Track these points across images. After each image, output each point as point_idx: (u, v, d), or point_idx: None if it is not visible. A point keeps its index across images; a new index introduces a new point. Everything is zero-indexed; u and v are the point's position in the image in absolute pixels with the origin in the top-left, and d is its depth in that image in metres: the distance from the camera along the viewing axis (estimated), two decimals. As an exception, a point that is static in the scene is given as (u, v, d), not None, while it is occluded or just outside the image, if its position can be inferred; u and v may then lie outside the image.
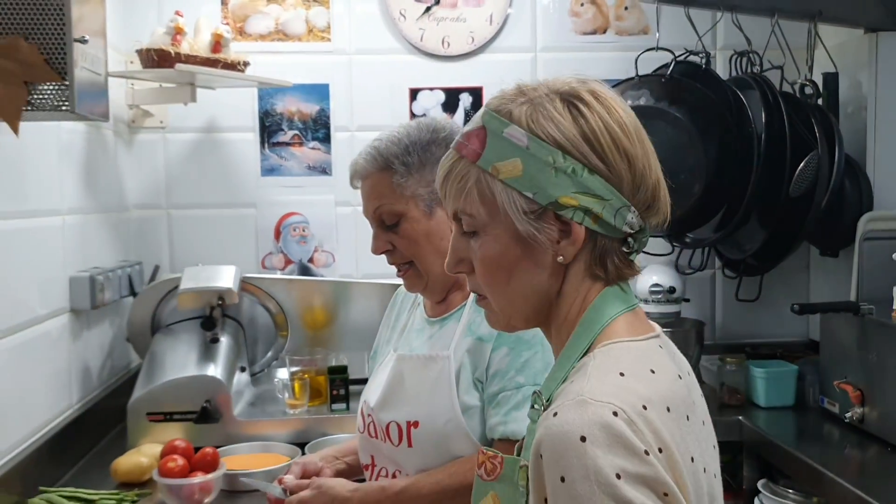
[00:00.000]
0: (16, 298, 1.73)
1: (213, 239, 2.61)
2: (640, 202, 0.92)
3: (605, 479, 0.78)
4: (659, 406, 0.85)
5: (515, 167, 0.90)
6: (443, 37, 2.64)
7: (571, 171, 0.89)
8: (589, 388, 0.83)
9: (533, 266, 0.92)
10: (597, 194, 0.89)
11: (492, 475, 0.94)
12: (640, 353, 0.90)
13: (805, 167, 2.22)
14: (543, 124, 0.89)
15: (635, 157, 0.91)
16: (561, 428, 0.80)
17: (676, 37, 2.39)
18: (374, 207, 1.48)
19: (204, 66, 2.18)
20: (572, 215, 0.89)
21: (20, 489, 1.70)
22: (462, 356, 1.41)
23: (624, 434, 0.80)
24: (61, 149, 2.04)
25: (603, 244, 0.92)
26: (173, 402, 2.02)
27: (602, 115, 0.90)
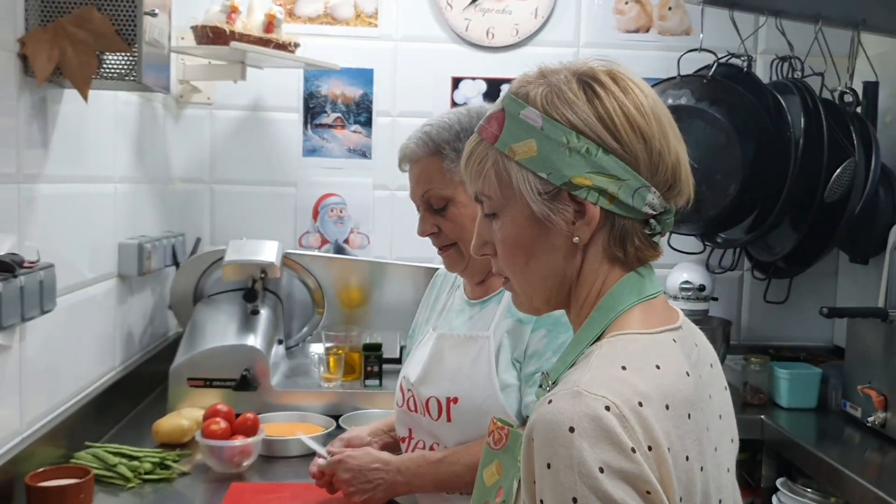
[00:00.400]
0: (68, 261, 1.80)
1: (253, 215, 2.67)
2: (660, 182, 0.91)
3: (588, 472, 0.79)
4: (657, 403, 0.85)
5: (530, 148, 0.90)
6: (487, 28, 2.68)
7: (585, 150, 0.89)
8: (587, 379, 0.84)
9: (550, 247, 0.93)
10: (612, 174, 0.89)
11: (498, 445, 0.97)
12: (648, 346, 0.90)
13: (841, 173, 2.24)
14: (558, 105, 0.90)
15: (651, 136, 0.90)
16: (553, 416, 0.81)
17: (719, 39, 2.42)
18: (422, 191, 1.52)
19: (256, 45, 2.24)
20: (586, 195, 0.89)
21: (67, 444, 1.77)
22: (501, 336, 1.46)
23: (613, 429, 0.80)
24: (117, 119, 2.10)
25: (622, 225, 0.91)
26: (213, 368, 2.09)
27: (617, 96, 0.90)
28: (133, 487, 1.69)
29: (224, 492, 1.66)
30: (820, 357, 2.60)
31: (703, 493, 0.89)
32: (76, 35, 1.55)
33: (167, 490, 1.70)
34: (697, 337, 1.00)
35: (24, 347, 1.59)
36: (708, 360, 0.98)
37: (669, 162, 0.91)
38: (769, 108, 2.35)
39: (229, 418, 1.82)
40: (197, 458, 1.85)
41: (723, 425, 0.97)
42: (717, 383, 0.99)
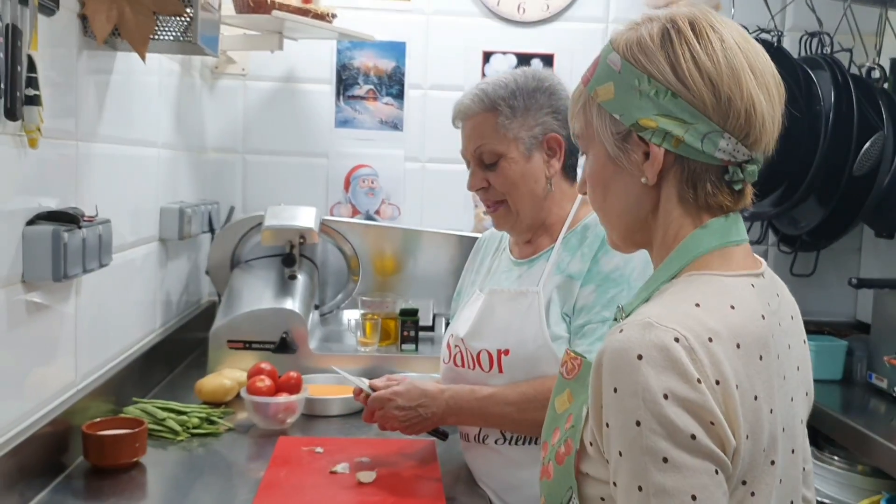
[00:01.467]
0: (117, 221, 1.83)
1: (285, 185, 2.71)
2: (733, 128, 0.91)
3: (652, 397, 0.82)
4: (728, 341, 0.87)
5: (609, 91, 0.95)
6: (519, 3, 2.71)
7: (654, 94, 0.92)
8: (658, 312, 0.87)
9: (623, 185, 0.97)
10: (678, 118, 0.91)
11: (571, 374, 1.01)
12: (725, 287, 0.92)
13: (870, 147, 2.28)
14: (635, 51, 0.94)
15: (720, 80, 0.90)
16: (622, 344, 0.85)
17: (749, 15, 2.45)
18: (475, 146, 1.56)
19: (296, 14, 2.26)
20: (650, 137, 0.93)
21: (116, 400, 1.81)
22: (551, 291, 1.50)
23: (680, 360, 0.83)
24: (161, 87, 2.14)
25: (693, 168, 0.93)
26: (253, 331, 2.13)
27: (691, 43, 0.92)
28: (182, 441, 1.73)
29: (270, 447, 1.70)
30: (843, 331, 2.64)
31: (771, 435, 0.90)
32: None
33: (214, 444, 1.74)
34: (780, 288, 1.02)
35: (79, 303, 1.63)
36: (789, 312, 1.01)
37: (742, 108, 0.91)
38: (799, 82, 2.37)
39: (273, 377, 1.87)
40: (240, 416, 1.89)
41: (800, 377, 1.00)
42: (798, 335, 1.02)
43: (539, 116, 1.53)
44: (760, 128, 0.93)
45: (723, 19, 0.96)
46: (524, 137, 1.53)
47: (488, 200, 1.59)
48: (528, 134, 1.53)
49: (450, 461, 1.65)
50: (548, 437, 1.01)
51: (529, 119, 1.52)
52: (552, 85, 1.55)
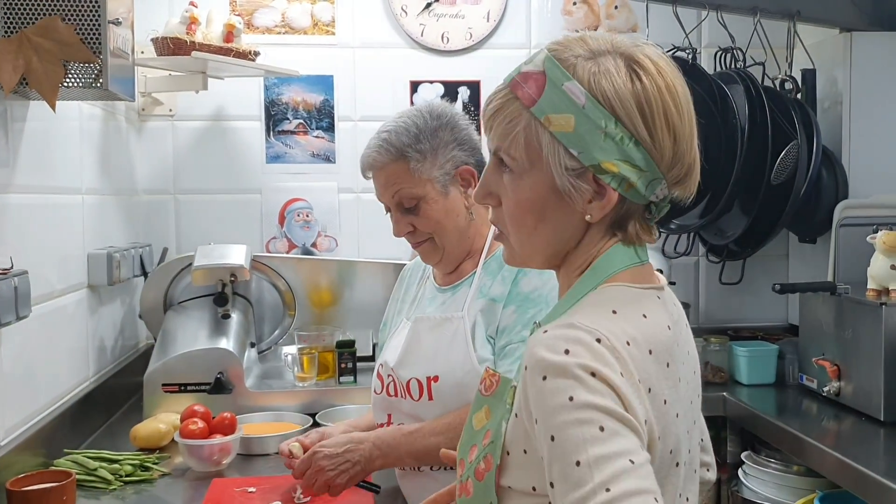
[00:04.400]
0: (39, 271, 1.81)
1: (219, 223, 2.70)
2: (672, 176, 0.95)
3: (582, 375, 0.83)
4: (643, 346, 0.89)
5: (568, 123, 0.91)
6: (442, 32, 2.75)
7: (620, 139, 0.91)
8: (579, 316, 0.89)
9: (561, 217, 0.96)
10: (636, 165, 0.91)
11: (489, 391, 1.01)
12: (636, 297, 0.95)
13: (785, 156, 2.35)
14: (603, 87, 0.90)
15: (681, 134, 0.93)
16: (548, 341, 0.86)
17: (664, 34, 2.52)
18: (392, 193, 1.58)
19: (217, 55, 2.28)
20: (610, 181, 0.92)
21: (45, 452, 1.78)
22: (475, 315, 1.52)
23: (605, 354, 0.86)
24: (82, 132, 2.12)
25: (627, 208, 0.95)
26: (187, 373, 2.11)
27: (660, 87, 0.92)
28: (114, 490, 1.70)
29: (205, 489, 1.68)
30: (776, 335, 2.71)
31: (676, 438, 0.95)
32: (41, 45, 1.58)
33: (148, 491, 1.72)
34: (676, 300, 1.06)
35: (0, 356, 1.60)
36: (684, 321, 1.05)
37: (687, 161, 0.95)
38: (715, 97, 2.45)
39: (206, 418, 1.85)
40: (176, 460, 1.87)
41: (695, 381, 1.03)
42: (692, 342, 1.05)
43: (447, 153, 1.56)
44: (694, 176, 0.98)
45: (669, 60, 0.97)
46: (438, 176, 1.55)
47: (415, 241, 1.61)
48: (440, 172, 1.55)
49: (384, 490, 1.65)
50: (464, 455, 1.01)
51: (439, 158, 1.55)
52: (451, 118, 1.59)
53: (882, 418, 2.01)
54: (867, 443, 1.96)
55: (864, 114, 2.52)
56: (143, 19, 2.45)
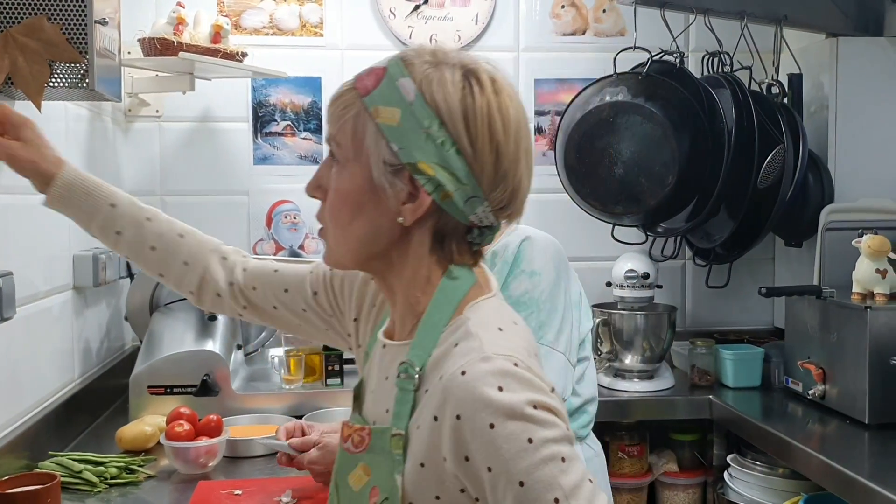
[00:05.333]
0: (24, 272, 1.79)
1: (206, 225, 2.58)
2: (495, 199, 0.94)
3: (529, 413, 0.84)
4: (532, 351, 0.94)
5: (394, 116, 0.91)
6: (430, 35, 2.75)
7: (441, 142, 0.90)
8: (484, 344, 0.88)
9: (376, 215, 0.94)
10: (455, 174, 0.91)
11: (360, 447, 0.96)
12: (499, 307, 0.97)
13: (772, 160, 2.36)
14: (434, 89, 0.91)
15: (504, 153, 0.92)
16: (475, 384, 0.85)
17: (652, 38, 2.53)
18: None
19: (204, 55, 2.27)
20: (425, 183, 0.91)
21: (30, 455, 1.76)
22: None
23: (527, 377, 0.87)
24: (68, 133, 2.11)
25: (445, 223, 0.94)
26: (173, 375, 2.10)
27: (490, 102, 0.92)
28: (99, 493, 1.69)
29: (191, 492, 1.68)
30: (762, 338, 2.72)
31: None
32: (27, 45, 1.57)
33: (134, 493, 1.71)
34: None
35: (-16, 357, 1.59)
36: None
37: (511, 185, 0.94)
38: (702, 101, 2.46)
39: (192, 421, 1.84)
40: (162, 463, 1.86)
41: None
42: None
43: None
44: (518, 204, 0.97)
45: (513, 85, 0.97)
46: None
47: None
48: None
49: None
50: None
51: None
52: None
53: (867, 421, 2.02)
54: (852, 446, 1.98)
55: (850, 118, 2.54)
56: (130, 19, 2.44)
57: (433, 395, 0.89)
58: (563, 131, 2.54)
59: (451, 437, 0.86)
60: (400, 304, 1.00)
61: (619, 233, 2.65)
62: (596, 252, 2.74)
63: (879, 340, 2.01)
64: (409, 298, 0.98)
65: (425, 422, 0.89)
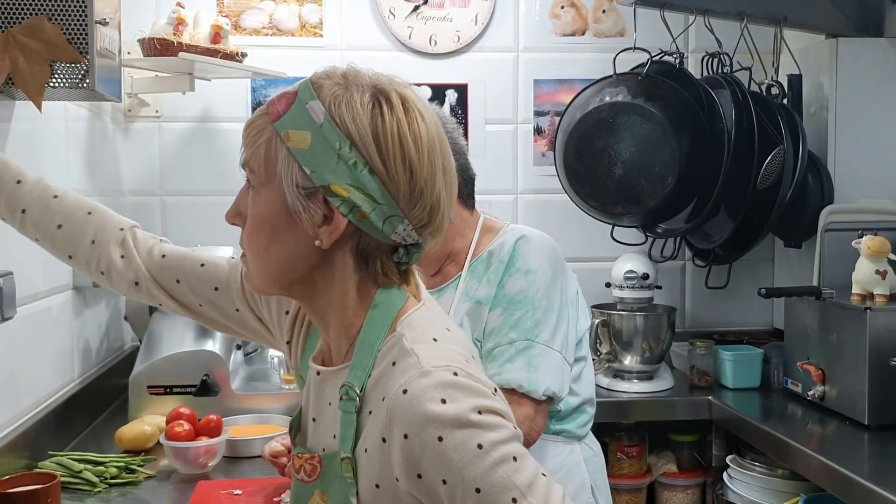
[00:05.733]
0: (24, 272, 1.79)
1: (205, 226, 2.68)
2: (415, 217, 0.94)
3: (476, 419, 0.85)
4: (468, 356, 0.94)
5: (304, 140, 0.91)
6: (430, 35, 2.76)
7: (353, 163, 0.90)
8: (421, 360, 0.89)
9: (293, 239, 0.94)
10: (370, 194, 0.91)
11: (313, 475, 0.96)
12: (431, 316, 0.97)
13: (771, 161, 2.37)
14: (343, 111, 0.91)
15: (419, 171, 0.92)
16: (418, 400, 0.86)
17: (652, 38, 2.53)
18: None
19: (204, 56, 2.27)
20: (339, 205, 0.91)
21: (29, 454, 1.76)
22: (462, 318, 1.52)
23: (468, 384, 0.88)
24: (68, 132, 2.11)
25: (367, 243, 0.94)
26: (173, 375, 2.10)
27: (401, 121, 0.92)
28: (99, 492, 1.70)
29: (191, 492, 1.68)
30: (761, 339, 2.72)
31: None
32: (27, 45, 1.57)
33: (133, 493, 1.71)
34: None
35: (-17, 357, 1.59)
36: None
37: (429, 202, 0.94)
38: (702, 101, 2.46)
39: (192, 421, 1.84)
40: (162, 462, 1.86)
41: None
42: None
43: None
44: (439, 221, 0.97)
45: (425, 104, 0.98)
46: None
47: None
48: None
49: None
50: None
51: None
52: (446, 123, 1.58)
53: (866, 422, 2.02)
54: (851, 446, 1.98)
55: (850, 119, 2.54)
56: (130, 20, 2.44)
57: (378, 416, 0.90)
58: (562, 132, 2.54)
59: (402, 457, 0.87)
60: (333, 328, 0.99)
61: (618, 233, 2.65)
62: (595, 253, 2.74)
63: (879, 341, 2.02)
64: (342, 321, 0.98)
65: (373, 444, 0.90)
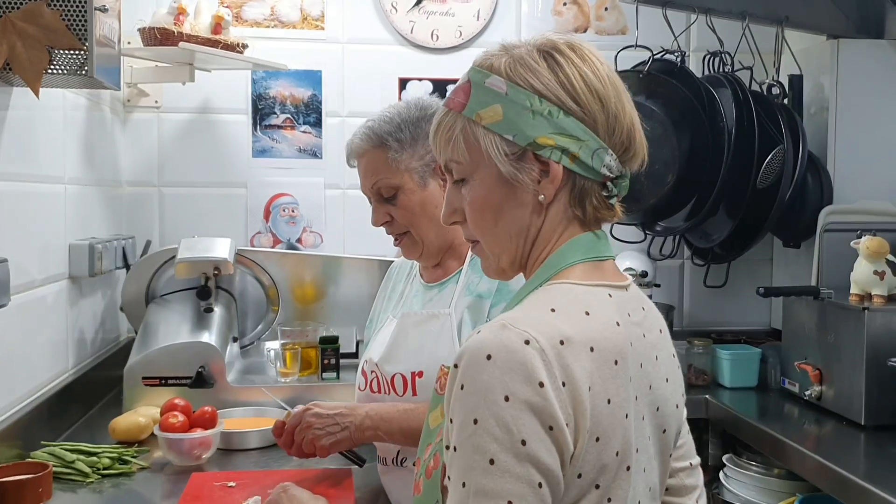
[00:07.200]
0: (19, 260, 1.79)
1: (203, 217, 2.68)
2: (616, 144, 0.98)
3: (493, 398, 0.85)
4: (580, 345, 0.89)
5: (496, 112, 0.96)
6: (432, 30, 2.75)
7: (548, 113, 0.95)
8: (513, 315, 0.91)
9: (517, 205, 0.99)
10: (573, 135, 0.95)
11: (444, 389, 0.98)
12: (581, 296, 0.95)
13: (771, 160, 2.36)
14: (521, 72, 0.96)
15: (608, 98, 0.97)
16: (476, 344, 0.88)
17: (653, 37, 2.52)
18: (371, 183, 1.58)
19: (205, 46, 2.26)
20: (550, 154, 0.96)
21: (22, 444, 1.75)
22: (462, 312, 1.52)
23: (528, 362, 0.85)
24: (66, 121, 2.10)
25: (582, 184, 0.98)
26: (168, 367, 2.09)
27: (576, 63, 0.97)
28: (92, 483, 1.68)
29: (184, 484, 1.66)
30: (759, 338, 2.72)
31: (625, 440, 0.93)
32: (25, 30, 1.56)
33: (127, 484, 1.70)
34: (646, 303, 1.06)
35: (-23, 344, 1.58)
36: (657, 326, 1.05)
37: (625, 124, 0.98)
38: (703, 100, 2.45)
39: (187, 412, 1.83)
40: (156, 454, 1.85)
41: (668, 388, 1.02)
42: (666, 349, 1.04)
43: (427, 145, 1.55)
44: (639, 143, 1.01)
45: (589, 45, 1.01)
46: (417, 167, 1.55)
47: (393, 233, 1.61)
48: (419, 163, 1.55)
49: (366, 487, 1.64)
50: (421, 454, 1.02)
51: (418, 149, 1.55)
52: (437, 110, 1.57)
53: (863, 422, 2.02)
54: (848, 446, 1.97)
55: (850, 120, 2.54)
56: (131, 9, 2.43)
57: None
58: (563, 128, 2.53)
59: (449, 383, 0.90)
60: None
61: (617, 231, 2.64)
62: (594, 250, 2.73)
63: (877, 342, 2.01)
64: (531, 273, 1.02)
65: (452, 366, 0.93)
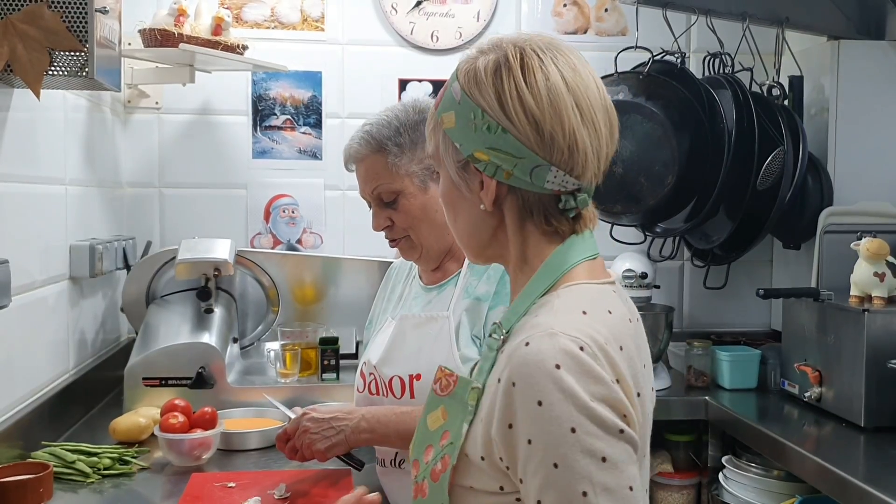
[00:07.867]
0: (20, 261, 1.79)
1: (204, 218, 2.68)
2: (559, 162, 0.97)
3: (582, 402, 0.86)
4: (614, 344, 0.93)
5: (451, 119, 1.00)
6: (432, 31, 2.75)
7: (486, 128, 0.97)
8: (557, 322, 0.92)
9: (467, 209, 1.03)
10: (507, 152, 0.96)
11: (445, 391, 1.02)
12: (598, 295, 0.99)
13: (771, 162, 2.36)
14: (472, 84, 0.98)
15: (542, 120, 0.95)
16: (536, 356, 0.88)
17: (654, 38, 2.52)
18: (372, 188, 1.57)
19: (205, 47, 2.26)
20: (483, 168, 0.98)
21: (22, 444, 1.76)
22: (461, 315, 1.52)
23: (590, 363, 0.89)
24: (67, 122, 2.10)
25: (527, 198, 0.99)
26: (169, 367, 2.09)
27: (517, 79, 0.96)
28: (92, 483, 1.69)
29: (184, 484, 1.67)
30: (759, 340, 2.72)
31: (644, 432, 0.99)
32: (26, 32, 1.56)
33: (127, 485, 1.70)
34: (626, 294, 1.09)
35: (-22, 345, 1.59)
36: (636, 315, 1.08)
37: (565, 145, 0.97)
38: (703, 101, 2.45)
39: (187, 412, 1.83)
40: (156, 454, 1.85)
41: (647, 374, 1.06)
42: (644, 335, 1.08)
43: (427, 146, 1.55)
44: (584, 162, 0.99)
45: (557, 51, 1.00)
46: (417, 171, 1.55)
47: (393, 237, 1.61)
48: (419, 167, 1.55)
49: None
50: (419, 456, 1.02)
51: (418, 152, 1.55)
52: None
53: (863, 424, 2.02)
54: (847, 448, 1.97)
55: (850, 121, 2.54)
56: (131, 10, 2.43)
57: (501, 359, 0.94)
58: (563, 130, 2.53)
59: (503, 402, 0.90)
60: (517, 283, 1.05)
61: (617, 232, 2.64)
62: (594, 251, 2.73)
63: (876, 344, 2.01)
64: (520, 274, 1.04)
65: (493, 382, 0.94)
